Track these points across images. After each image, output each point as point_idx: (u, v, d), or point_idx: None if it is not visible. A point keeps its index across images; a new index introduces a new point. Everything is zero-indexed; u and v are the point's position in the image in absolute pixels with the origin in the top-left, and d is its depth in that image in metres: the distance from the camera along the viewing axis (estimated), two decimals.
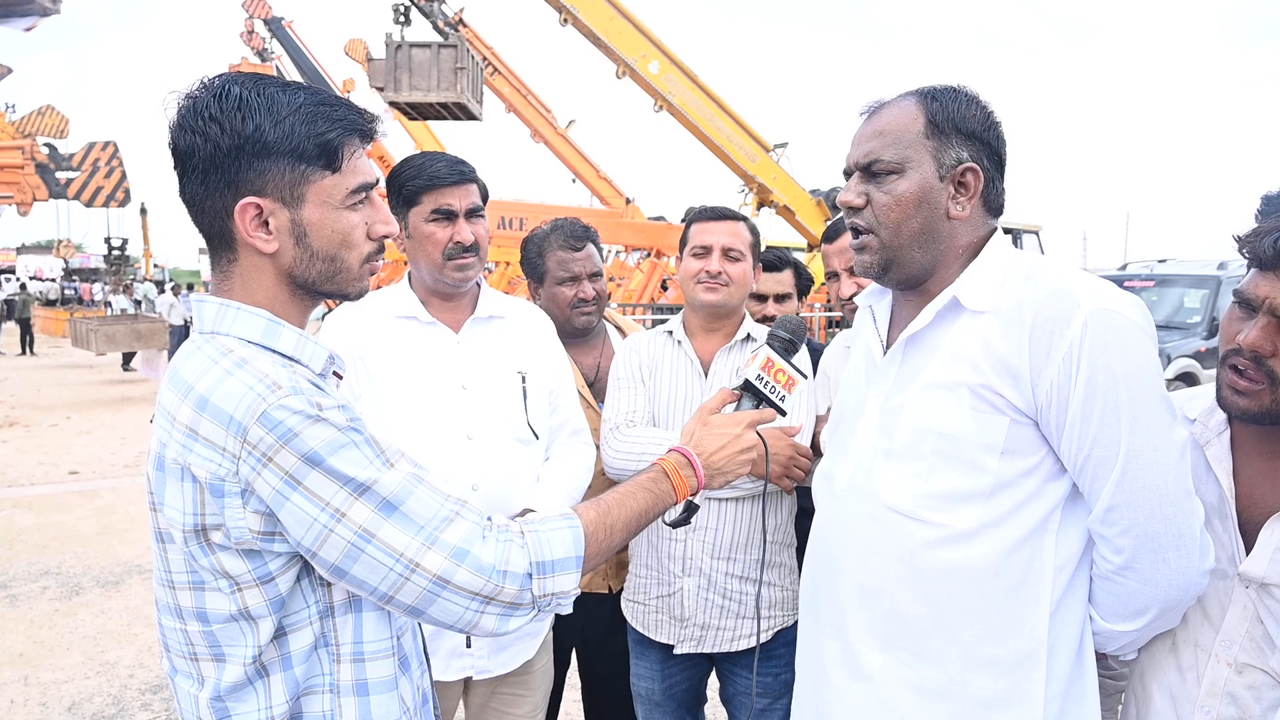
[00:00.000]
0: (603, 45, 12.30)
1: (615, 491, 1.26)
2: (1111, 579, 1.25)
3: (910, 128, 1.30)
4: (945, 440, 1.26)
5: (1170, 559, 1.20)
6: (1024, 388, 1.22)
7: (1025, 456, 1.25)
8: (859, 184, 1.35)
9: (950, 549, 1.26)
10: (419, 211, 1.89)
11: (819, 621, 1.44)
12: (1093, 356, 1.18)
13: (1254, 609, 1.24)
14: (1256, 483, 1.29)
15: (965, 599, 1.26)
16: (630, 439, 2.04)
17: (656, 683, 2.14)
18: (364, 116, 1.16)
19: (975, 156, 1.31)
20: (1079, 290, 1.22)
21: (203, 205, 1.11)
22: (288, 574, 1.09)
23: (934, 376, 1.29)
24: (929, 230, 1.31)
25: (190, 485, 1.05)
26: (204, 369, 1.07)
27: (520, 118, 18.63)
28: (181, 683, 1.15)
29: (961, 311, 1.29)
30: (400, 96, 12.39)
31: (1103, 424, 1.19)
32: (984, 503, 1.25)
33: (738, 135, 13.09)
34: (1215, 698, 1.26)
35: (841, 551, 1.39)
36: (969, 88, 1.34)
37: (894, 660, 1.31)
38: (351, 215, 1.15)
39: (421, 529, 1.06)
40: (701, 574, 2.01)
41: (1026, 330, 1.22)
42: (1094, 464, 1.20)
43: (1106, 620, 1.29)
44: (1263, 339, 1.21)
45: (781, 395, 1.44)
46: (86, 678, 3.84)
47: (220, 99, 1.08)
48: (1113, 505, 1.20)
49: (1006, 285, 1.28)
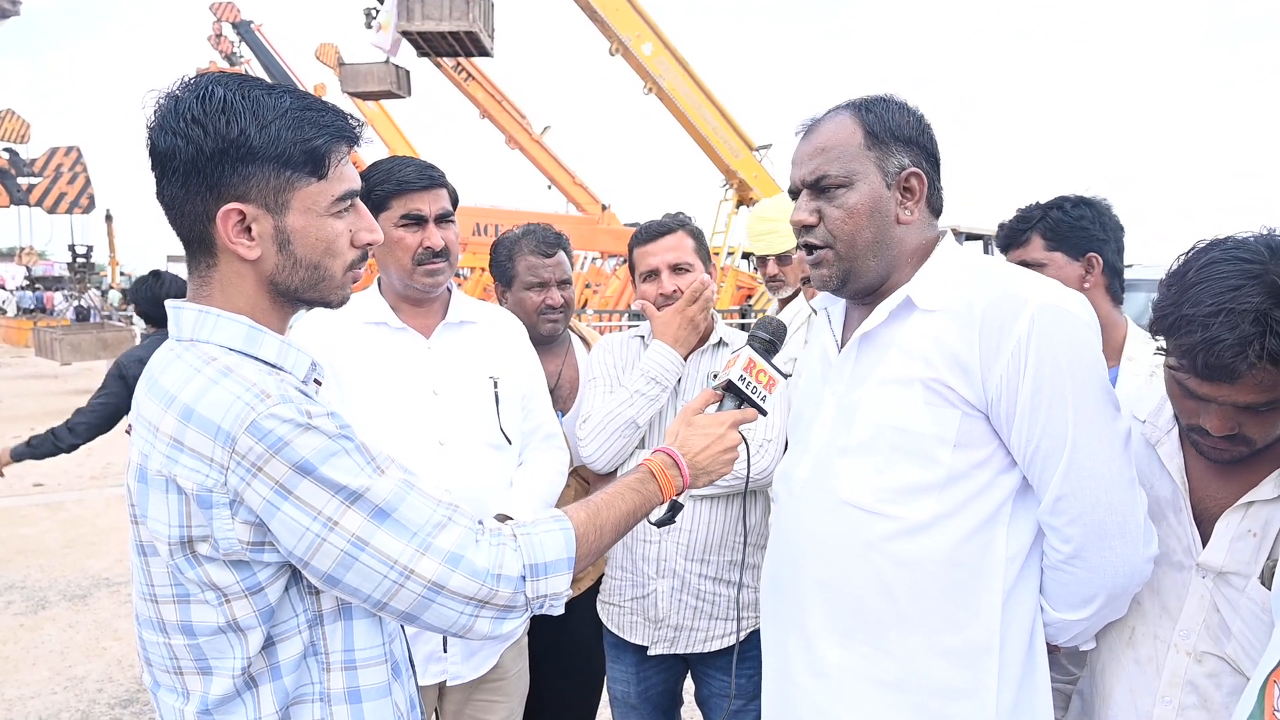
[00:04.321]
0: (599, 20, 12.38)
1: (604, 492, 1.27)
2: (1060, 568, 1.29)
3: (850, 141, 1.34)
4: (901, 434, 1.29)
5: (1116, 546, 1.24)
6: (975, 382, 1.26)
7: (977, 449, 1.28)
8: (809, 201, 1.38)
9: (907, 541, 1.29)
10: (388, 216, 1.88)
11: (781, 619, 1.46)
12: (1040, 350, 1.22)
13: (1210, 598, 1.28)
14: (1209, 478, 1.33)
15: (922, 590, 1.29)
16: (597, 414, 2.05)
17: (632, 685, 2.15)
18: (350, 122, 1.15)
19: (916, 161, 1.35)
20: (1026, 287, 1.27)
21: (182, 209, 1.09)
22: (277, 584, 1.08)
23: (888, 373, 1.33)
24: (881, 238, 1.34)
25: (176, 497, 1.03)
26: (187, 378, 1.05)
27: (494, 123, 18.61)
28: (165, 697, 1.13)
29: (914, 310, 1.33)
30: (413, 26, 12.44)
31: (1050, 415, 1.22)
32: (938, 495, 1.28)
33: (723, 128, 13.20)
34: (1176, 687, 1.29)
35: (801, 548, 1.41)
36: (896, 95, 1.38)
37: (853, 654, 1.33)
38: (336, 223, 1.13)
39: (414, 535, 1.05)
40: (675, 575, 2.02)
41: (977, 326, 1.26)
42: (1043, 454, 1.24)
43: (1057, 610, 1.32)
44: (1226, 426, 1.20)
45: (763, 395, 1.46)
46: (54, 693, 3.76)
47: (204, 100, 1.05)
48: (1061, 495, 1.24)
49: (956, 284, 1.32)
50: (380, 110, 21.65)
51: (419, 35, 12.70)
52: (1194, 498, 1.34)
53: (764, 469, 1.99)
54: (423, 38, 12.71)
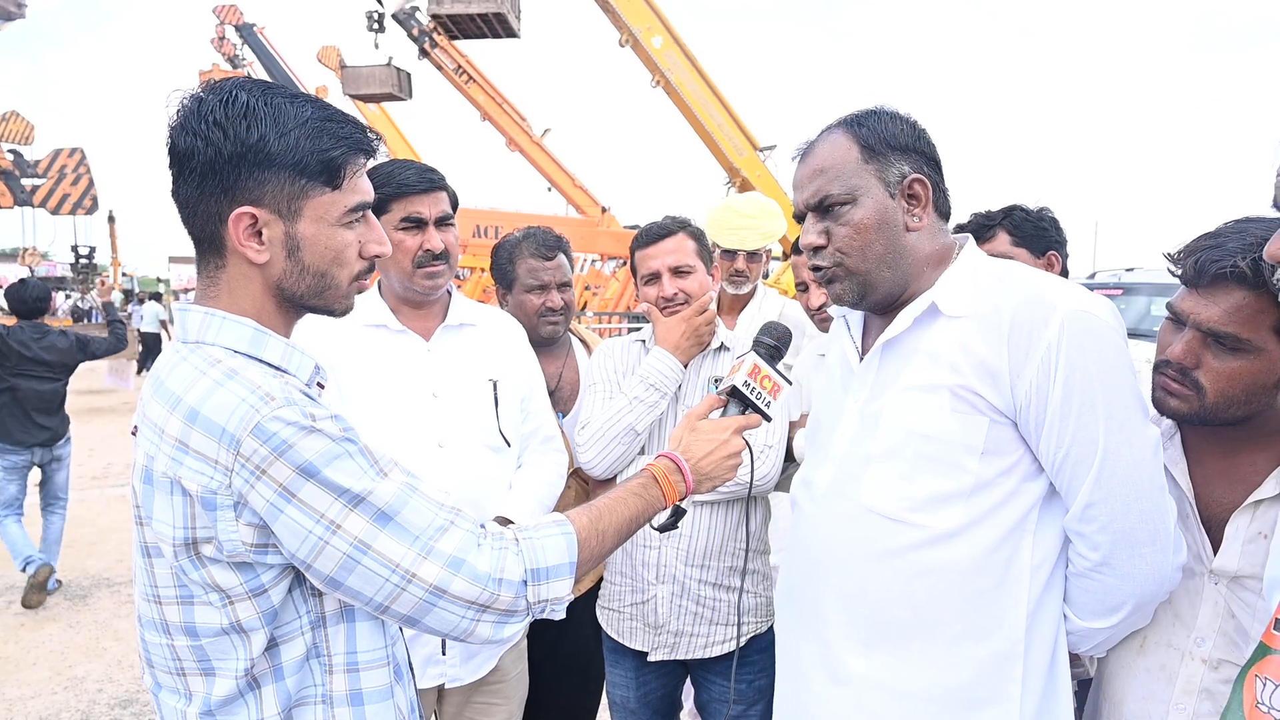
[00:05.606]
0: (610, 10, 12.44)
1: (606, 497, 1.27)
2: (1088, 576, 1.27)
3: (847, 158, 1.33)
4: (927, 442, 1.28)
5: (1146, 554, 1.23)
6: (1003, 388, 1.25)
7: (1004, 456, 1.27)
8: (816, 223, 1.37)
9: (932, 550, 1.28)
10: (388, 219, 1.88)
11: (798, 626, 1.45)
12: (1070, 356, 1.21)
13: (1225, 604, 1.27)
14: (1213, 482, 1.33)
15: (947, 599, 1.27)
16: (596, 420, 2.05)
17: (631, 690, 2.15)
18: (369, 135, 1.16)
19: (916, 167, 1.34)
20: (1053, 293, 1.26)
21: (196, 208, 1.10)
22: (280, 585, 1.08)
23: (913, 380, 1.31)
24: (893, 249, 1.33)
25: (181, 498, 1.03)
26: (192, 380, 1.05)
27: (495, 125, 18.62)
28: (167, 698, 1.13)
29: (938, 316, 1.32)
30: (443, 9, 12.59)
31: (1080, 421, 1.21)
32: (965, 503, 1.27)
33: (728, 125, 13.22)
34: (1190, 695, 1.28)
35: (822, 556, 1.40)
36: (887, 105, 1.38)
37: (875, 663, 1.32)
38: (346, 233, 1.14)
39: (417, 539, 1.06)
40: (675, 581, 2.01)
41: (1005, 332, 1.25)
42: (1073, 461, 1.23)
43: (1082, 618, 1.31)
44: (1187, 353, 1.28)
45: (767, 401, 1.46)
46: (54, 693, 3.76)
47: (227, 104, 1.07)
48: (1091, 502, 1.23)
49: (982, 289, 1.31)
50: (381, 113, 21.68)
51: (448, 18, 12.80)
52: (1200, 504, 1.33)
53: (766, 475, 1.99)
54: (452, 20, 12.82)
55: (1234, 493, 1.29)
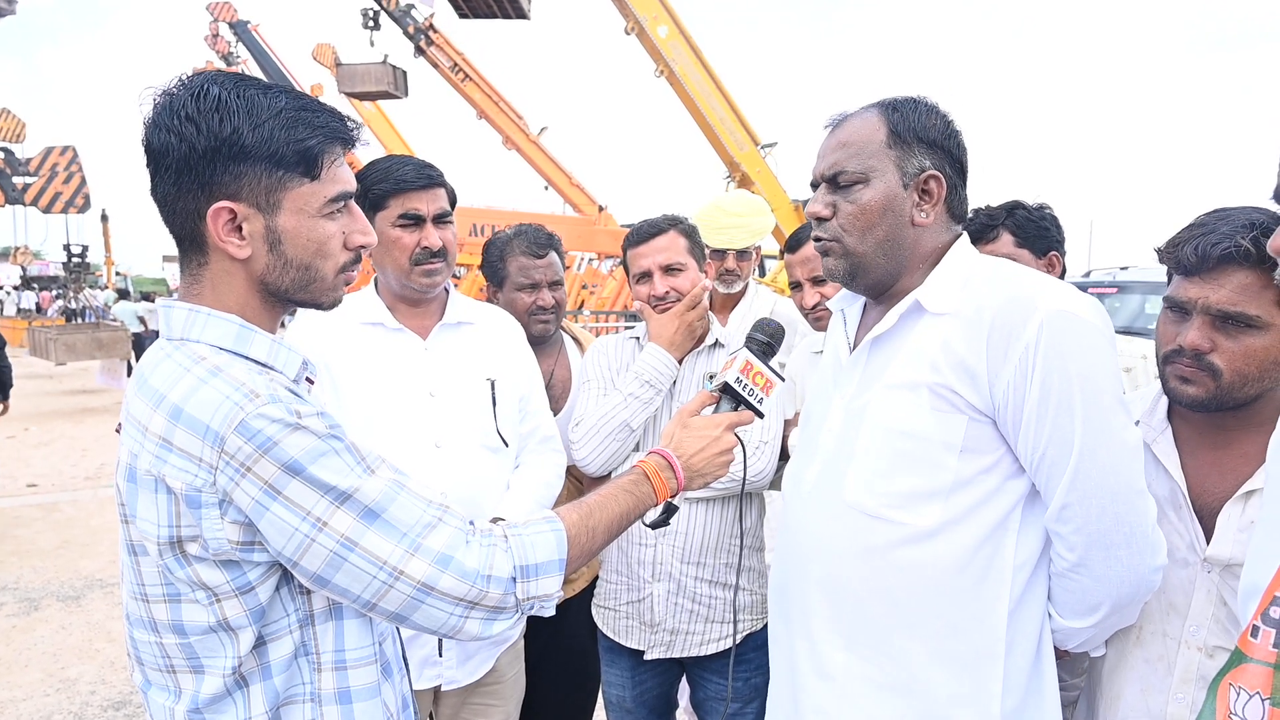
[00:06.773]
0: None
1: (597, 494, 1.27)
2: (1066, 576, 1.28)
3: (873, 138, 1.34)
4: (907, 439, 1.29)
5: (1121, 556, 1.23)
6: (981, 388, 1.25)
7: (983, 455, 1.27)
8: (826, 195, 1.38)
9: (912, 547, 1.28)
10: (385, 216, 1.87)
11: (789, 621, 1.46)
12: (1048, 358, 1.21)
13: (1217, 592, 1.29)
14: (1205, 472, 1.35)
15: (927, 596, 1.28)
16: (591, 417, 2.04)
17: (627, 689, 2.14)
18: (346, 123, 1.14)
19: (938, 164, 1.34)
20: (1038, 293, 1.25)
21: (174, 206, 1.09)
22: (267, 583, 1.08)
23: (895, 377, 1.32)
24: (893, 237, 1.34)
25: (165, 497, 1.03)
26: (176, 377, 1.04)
27: (491, 124, 18.58)
28: (156, 696, 1.13)
29: (924, 314, 1.32)
30: None
31: (1056, 424, 1.21)
32: (944, 501, 1.27)
33: (730, 120, 13.21)
34: (1189, 684, 1.30)
35: (807, 551, 1.41)
36: (929, 98, 1.38)
37: (857, 658, 1.33)
38: (328, 224, 1.13)
39: (404, 536, 1.05)
40: (671, 579, 2.01)
41: (985, 332, 1.25)
42: (1048, 463, 1.23)
43: (1063, 617, 1.32)
44: (1201, 338, 1.29)
45: (760, 398, 1.46)
46: (46, 695, 3.74)
47: (198, 98, 1.05)
48: (1066, 503, 1.23)
49: (969, 288, 1.30)
50: (377, 110, 21.62)
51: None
52: (1192, 494, 1.35)
53: (760, 471, 1.99)
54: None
55: (1225, 483, 1.31)
